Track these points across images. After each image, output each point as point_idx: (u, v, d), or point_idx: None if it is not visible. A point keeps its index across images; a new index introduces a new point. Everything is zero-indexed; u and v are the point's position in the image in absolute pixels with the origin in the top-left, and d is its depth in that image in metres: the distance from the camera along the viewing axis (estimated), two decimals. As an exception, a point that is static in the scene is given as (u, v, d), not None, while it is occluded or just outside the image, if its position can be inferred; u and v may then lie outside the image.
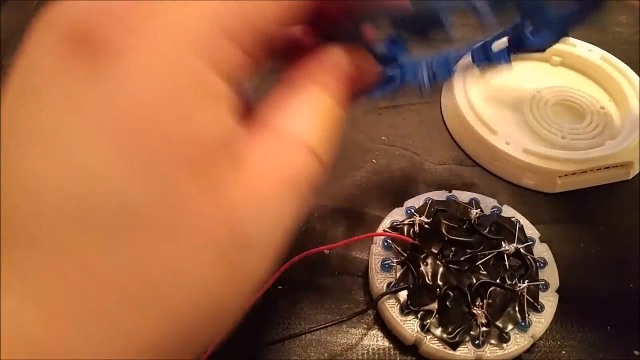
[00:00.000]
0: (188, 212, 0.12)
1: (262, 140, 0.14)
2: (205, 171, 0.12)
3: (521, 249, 0.29)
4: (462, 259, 0.29)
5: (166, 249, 0.12)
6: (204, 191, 0.12)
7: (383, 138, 0.38)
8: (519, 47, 0.20)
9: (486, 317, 0.27)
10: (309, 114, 0.15)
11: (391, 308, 0.28)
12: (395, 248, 0.30)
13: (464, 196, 0.32)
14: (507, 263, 0.29)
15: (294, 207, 0.14)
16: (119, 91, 0.11)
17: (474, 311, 0.27)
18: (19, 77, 0.12)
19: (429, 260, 0.29)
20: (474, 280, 0.28)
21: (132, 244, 0.11)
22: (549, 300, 0.28)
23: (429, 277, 0.28)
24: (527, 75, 0.41)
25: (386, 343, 0.29)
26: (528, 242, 0.30)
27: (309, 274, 0.31)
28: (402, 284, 0.28)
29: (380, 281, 0.29)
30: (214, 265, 0.12)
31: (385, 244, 0.30)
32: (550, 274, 0.29)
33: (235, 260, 0.13)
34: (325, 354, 0.28)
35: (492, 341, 0.27)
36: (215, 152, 0.12)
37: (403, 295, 0.28)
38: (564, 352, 0.28)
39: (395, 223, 0.31)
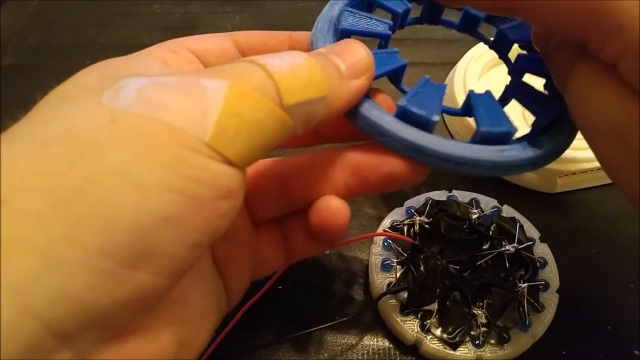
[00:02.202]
0: None
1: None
2: None
3: (521, 249, 0.29)
4: (462, 259, 0.29)
5: None
6: None
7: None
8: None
9: (486, 317, 0.27)
10: (279, 56, 0.16)
11: (391, 308, 0.28)
12: (395, 248, 0.30)
13: (464, 196, 0.32)
14: (507, 263, 0.29)
15: (248, 109, 0.15)
16: None
17: (474, 311, 0.27)
18: None
19: (429, 260, 0.29)
20: (474, 281, 0.28)
21: None
22: (549, 300, 0.28)
23: (429, 277, 0.28)
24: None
25: (386, 343, 0.29)
26: (528, 242, 0.30)
27: (309, 274, 0.31)
28: (402, 284, 0.28)
29: (380, 281, 0.29)
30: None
31: (385, 244, 0.30)
32: (550, 274, 0.29)
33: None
34: (325, 354, 0.28)
35: (492, 341, 0.27)
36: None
37: (403, 295, 0.28)
38: (564, 352, 0.28)
39: (395, 223, 0.31)
